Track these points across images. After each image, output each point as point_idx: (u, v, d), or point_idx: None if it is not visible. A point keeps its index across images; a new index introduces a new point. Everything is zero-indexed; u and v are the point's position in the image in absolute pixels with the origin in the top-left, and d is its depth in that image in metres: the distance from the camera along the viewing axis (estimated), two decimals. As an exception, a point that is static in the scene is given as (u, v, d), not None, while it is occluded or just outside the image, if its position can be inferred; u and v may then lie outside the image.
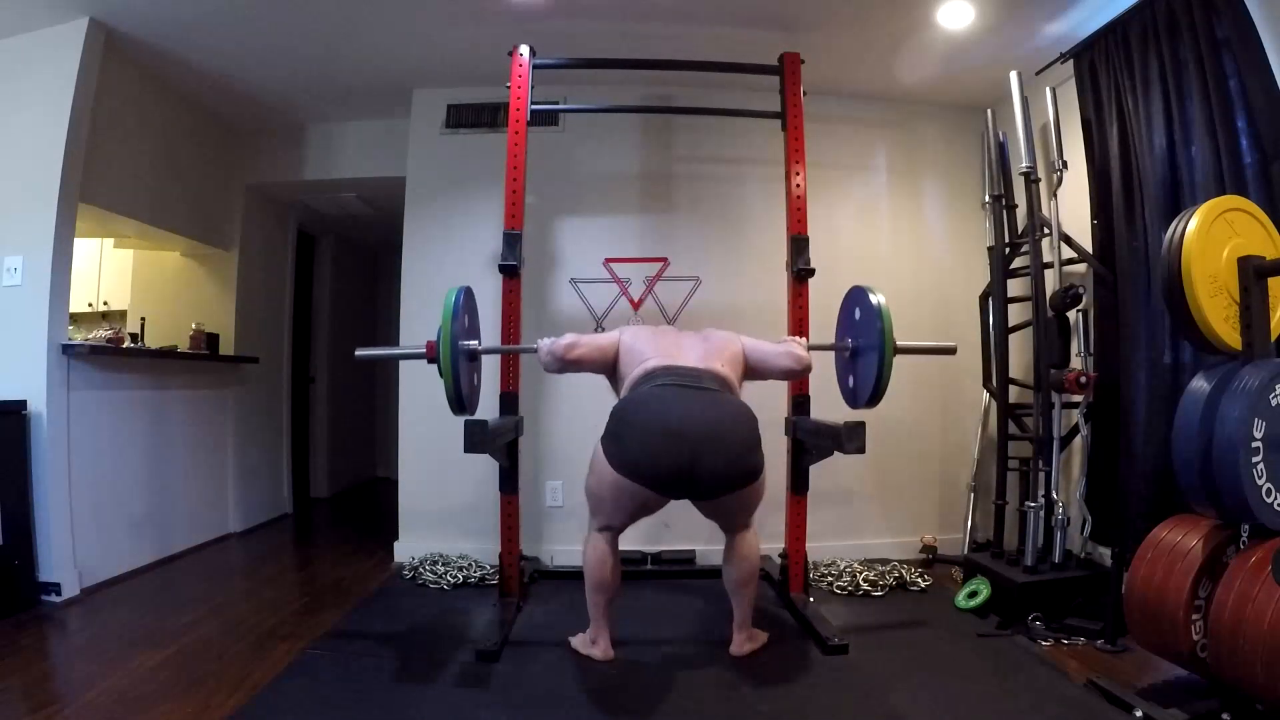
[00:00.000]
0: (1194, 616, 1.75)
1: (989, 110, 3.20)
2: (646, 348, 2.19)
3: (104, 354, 2.97)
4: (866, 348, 2.29)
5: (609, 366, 2.27)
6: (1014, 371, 3.05)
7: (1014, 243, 3.09)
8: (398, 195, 3.54)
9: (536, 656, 2.21)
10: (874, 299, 2.26)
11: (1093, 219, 2.80)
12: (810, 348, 2.39)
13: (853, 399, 2.43)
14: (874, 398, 2.26)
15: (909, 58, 3.12)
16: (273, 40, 3.03)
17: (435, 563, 3.11)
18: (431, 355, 2.14)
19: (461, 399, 2.16)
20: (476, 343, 2.37)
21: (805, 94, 2.85)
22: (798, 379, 2.62)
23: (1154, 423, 2.44)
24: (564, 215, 3.45)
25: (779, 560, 2.84)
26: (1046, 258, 2.82)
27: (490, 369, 2.82)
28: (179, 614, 2.53)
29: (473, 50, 3.09)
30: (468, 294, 2.30)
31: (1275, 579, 1.56)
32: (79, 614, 2.54)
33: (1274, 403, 1.67)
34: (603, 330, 3.24)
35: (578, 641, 2.23)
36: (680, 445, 1.88)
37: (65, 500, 2.68)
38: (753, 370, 2.28)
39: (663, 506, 2.08)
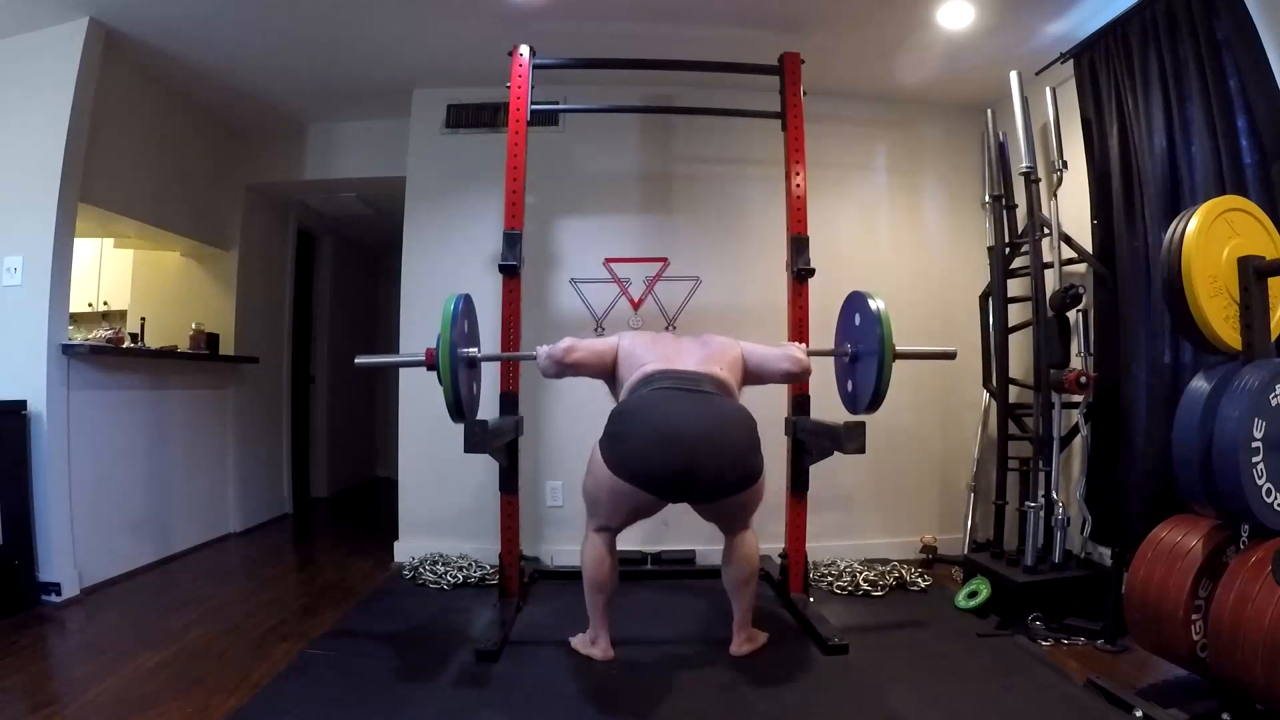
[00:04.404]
0: (1194, 616, 1.75)
1: (989, 110, 3.20)
2: (645, 353, 2.19)
3: (104, 354, 2.97)
4: (866, 353, 2.28)
5: (607, 371, 2.27)
6: (1014, 371, 3.05)
7: (1014, 243, 3.09)
8: (398, 195, 3.54)
9: (536, 656, 2.21)
10: (873, 304, 2.24)
11: (1093, 219, 2.80)
12: (810, 353, 2.39)
13: (852, 404, 2.42)
14: (874, 403, 2.25)
15: (909, 58, 3.12)
16: (273, 40, 3.02)
17: (435, 563, 3.11)
18: (431, 363, 2.13)
19: (461, 406, 2.15)
20: (476, 350, 2.36)
21: (805, 94, 2.85)
22: (797, 382, 2.61)
23: (1154, 423, 2.44)
24: (564, 215, 3.45)
25: (779, 560, 2.84)
26: (1046, 258, 2.82)
27: (490, 370, 2.82)
28: (179, 614, 2.53)
29: (473, 50, 3.09)
30: (467, 301, 2.29)
31: (1275, 579, 1.56)
32: (79, 614, 2.54)
33: (1274, 403, 1.68)
34: (602, 331, 3.24)
35: (577, 641, 2.23)
36: (678, 449, 1.88)
37: (65, 500, 2.68)
38: (752, 375, 2.28)
39: (661, 509, 2.09)
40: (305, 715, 1.80)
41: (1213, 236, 1.83)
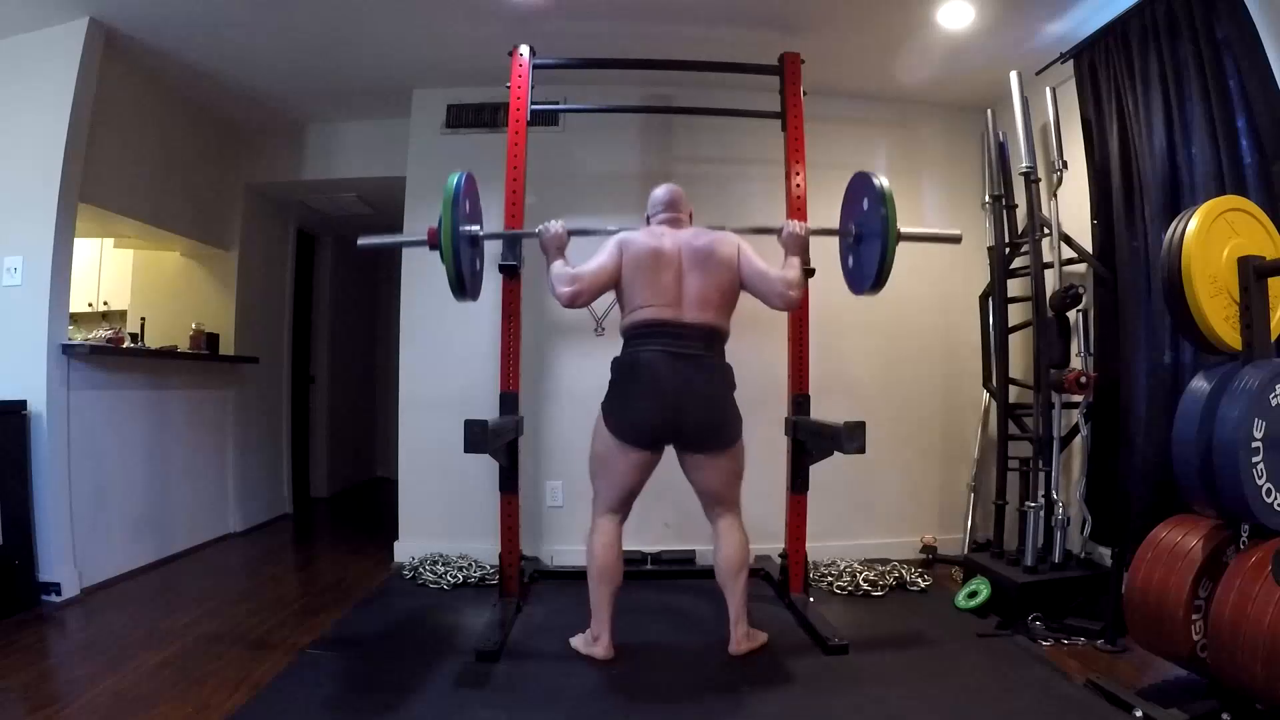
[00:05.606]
0: (1194, 616, 1.75)
1: (989, 110, 3.20)
2: (646, 281, 2.21)
3: (104, 354, 2.96)
4: (870, 234, 2.28)
5: (611, 288, 2.31)
6: (1014, 371, 3.05)
7: (1014, 243, 3.09)
8: (398, 195, 3.54)
9: (536, 657, 2.21)
10: (878, 183, 2.24)
11: (1093, 219, 2.80)
12: (812, 232, 2.39)
13: (856, 283, 2.44)
14: (877, 283, 2.27)
15: (909, 58, 3.12)
16: (273, 40, 3.02)
17: (435, 563, 3.11)
18: (433, 241, 2.18)
19: (463, 281, 2.20)
20: (478, 227, 2.38)
21: (805, 94, 2.85)
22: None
23: (1154, 423, 2.44)
24: (564, 215, 3.41)
25: (779, 560, 2.84)
26: (1046, 258, 2.82)
27: (490, 368, 2.83)
28: (179, 614, 2.53)
29: (473, 50, 3.08)
30: (469, 180, 2.31)
31: (1275, 579, 1.56)
32: (79, 614, 2.54)
33: (1274, 403, 1.68)
34: (602, 332, 3.23)
35: (578, 641, 2.23)
36: (666, 408, 2.11)
37: (65, 500, 2.68)
38: (747, 288, 2.30)
39: (656, 464, 2.20)
40: (305, 715, 1.80)
41: (1213, 236, 1.83)
